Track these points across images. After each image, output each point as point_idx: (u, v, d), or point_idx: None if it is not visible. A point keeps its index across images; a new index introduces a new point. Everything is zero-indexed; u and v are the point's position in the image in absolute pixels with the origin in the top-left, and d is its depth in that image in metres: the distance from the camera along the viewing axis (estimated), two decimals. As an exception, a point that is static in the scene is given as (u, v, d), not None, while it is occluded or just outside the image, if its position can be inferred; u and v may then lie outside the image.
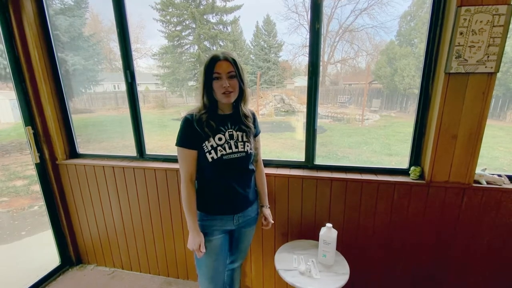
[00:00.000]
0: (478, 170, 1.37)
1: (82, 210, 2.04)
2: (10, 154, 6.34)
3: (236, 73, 1.08)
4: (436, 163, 1.37)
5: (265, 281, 1.83)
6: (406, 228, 1.51)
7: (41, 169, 1.91)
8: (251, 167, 1.23)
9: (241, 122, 1.18)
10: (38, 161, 1.87)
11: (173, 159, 1.83)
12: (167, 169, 1.74)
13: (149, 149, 1.90)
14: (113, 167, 1.86)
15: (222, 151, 1.11)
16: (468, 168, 1.33)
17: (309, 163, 1.64)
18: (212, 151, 1.10)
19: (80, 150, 2.04)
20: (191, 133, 1.09)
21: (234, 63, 1.07)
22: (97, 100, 10.64)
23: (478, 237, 1.44)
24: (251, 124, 1.20)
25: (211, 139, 1.10)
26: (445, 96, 1.27)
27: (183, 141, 1.11)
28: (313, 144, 1.60)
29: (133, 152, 1.90)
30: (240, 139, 1.16)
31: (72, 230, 2.12)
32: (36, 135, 1.84)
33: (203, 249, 1.16)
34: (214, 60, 1.05)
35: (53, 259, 2.10)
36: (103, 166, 1.87)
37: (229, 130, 1.15)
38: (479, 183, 1.37)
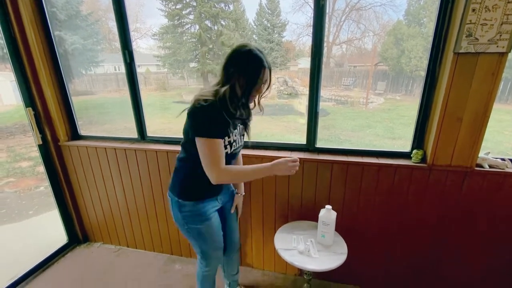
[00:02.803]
0: (481, 154, 1.36)
1: (86, 190, 2.08)
2: (14, 136, 6.40)
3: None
4: (439, 147, 1.35)
5: (265, 260, 1.89)
6: (406, 211, 1.52)
7: (44, 150, 1.93)
8: None
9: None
10: (41, 142, 1.88)
11: (174, 141, 1.83)
12: (168, 151, 1.75)
13: (152, 132, 1.90)
14: (115, 148, 1.87)
15: (234, 146, 1.11)
16: (472, 152, 1.32)
17: (310, 146, 1.63)
18: (228, 147, 1.07)
19: (83, 132, 2.04)
20: (221, 120, 0.98)
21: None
22: (97, 81, 10.51)
23: (478, 220, 1.45)
24: (251, 117, 1.20)
25: (231, 134, 1.07)
26: (453, 77, 1.23)
27: (215, 131, 0.96)
28: (315, 127, 1.58)
29: (135, 134, 1.90)
30: (242, 132, 1.17)
31: (77, 210, 2.17)
32: (37, 117, 1.84)
33: (296, 161, 1.06)
34: (263, 65, 1.00)
35: (61, 238, 2.17)
36: (105, 148, 1.88)
37: (239, 125, 1.15)
38: (482, 166, 1.36)
